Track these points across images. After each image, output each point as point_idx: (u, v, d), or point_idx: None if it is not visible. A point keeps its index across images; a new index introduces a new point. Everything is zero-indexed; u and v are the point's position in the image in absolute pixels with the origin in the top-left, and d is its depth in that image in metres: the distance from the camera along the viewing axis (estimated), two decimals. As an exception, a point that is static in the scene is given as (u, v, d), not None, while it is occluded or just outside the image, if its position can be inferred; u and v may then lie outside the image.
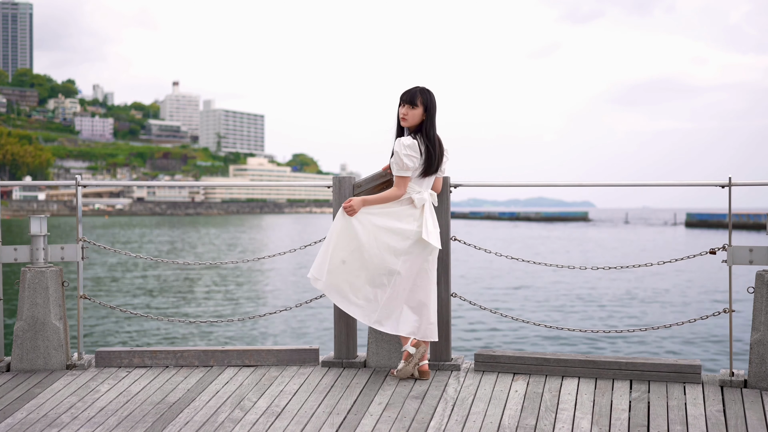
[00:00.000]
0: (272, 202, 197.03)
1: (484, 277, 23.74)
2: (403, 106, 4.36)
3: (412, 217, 4.32)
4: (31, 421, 3.82)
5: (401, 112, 4.36)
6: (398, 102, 4.40)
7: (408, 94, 4.35)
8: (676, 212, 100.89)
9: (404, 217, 4.32)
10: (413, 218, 4.32)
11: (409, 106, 4.34)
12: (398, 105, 4.40)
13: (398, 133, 4.42)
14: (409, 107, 4.33)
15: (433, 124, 4.37)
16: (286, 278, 24.41)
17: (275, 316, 15.22)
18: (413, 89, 4.37)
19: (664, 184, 4.88)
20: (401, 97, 4.38)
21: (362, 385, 4.27)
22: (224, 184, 15.51)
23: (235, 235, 59.46)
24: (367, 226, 4.32)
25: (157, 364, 4.77)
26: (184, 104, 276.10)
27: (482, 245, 5.01)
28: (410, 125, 4.35)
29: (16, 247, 4.84)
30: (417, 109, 4.33)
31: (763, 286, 4.05)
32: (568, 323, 14.74)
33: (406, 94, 4.36)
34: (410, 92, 4.36)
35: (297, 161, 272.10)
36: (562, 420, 3.66)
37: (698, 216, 76.23)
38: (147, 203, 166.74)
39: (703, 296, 19.01)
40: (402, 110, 4.35)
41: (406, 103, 4.35)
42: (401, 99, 4.38)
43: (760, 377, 4.00)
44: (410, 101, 4.33)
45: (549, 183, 4.99)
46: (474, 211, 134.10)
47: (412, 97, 4.33)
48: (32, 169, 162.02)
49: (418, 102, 4.33)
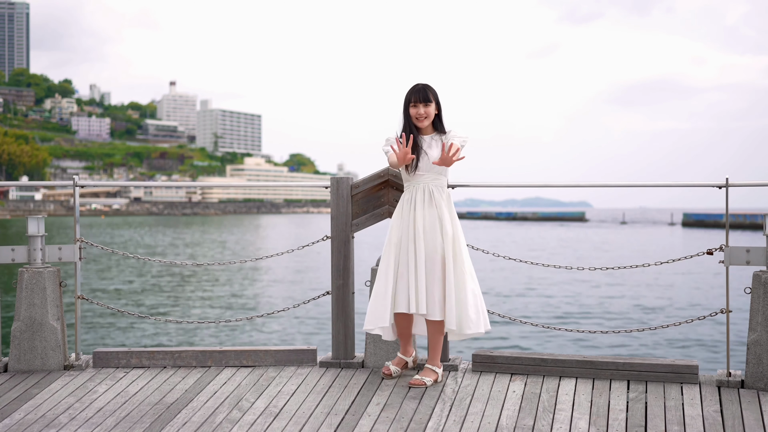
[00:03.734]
0: (269, 202, 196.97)
1: (482, 277, 23.73)
2: (418, 106, 4.25)
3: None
4: (29, 422, 3.82)
5: (419, 113, 4.25)
6: (408, 103, 4.27)
7: (421, 92, 4.25)
8: (673, 212, 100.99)
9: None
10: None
11: (424, 104, 4.26)
12: (409, 106, 4.27)
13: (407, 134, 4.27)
14: (424, 105, 4.26)
15: (442, 118, 4.37)
16: (285, 278, 24.40)
17: (273, 317, 15.22)
18: (422, 86, 4.27)
19: (661, 184, 4.88)
20: (414, 98, 4.25)
21: (360, 385, 4.27)
22: (221, 185, 15.46)
23: (234, 235, 59.42)
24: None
25: (154, 364, 4.77)
26: (181, 104, 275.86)
27: (480, 246, 5.02)
28: (428, 123, 4.30)
29: (14, 248, 4.83)
30: (431, 105, 4.27)
31: (760, 287, 4.06)
32: (565, 324, 14.75)
33: (419, 93, 4.25)
34: (422, 90, 4.26)
35: (294, 161, 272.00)
36: (560, 420, 3.67)
37: (695, 216, 76.35)
38: (144, 203, 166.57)
39: (700, 297, 19.04)
40: (419, 110, 4.24)
41: (420, 102, 4.25)
42: (415, 99, 4.25)
43: (757, 377, 4.01)
44: (425, 99, 4.25)
45: (546, 183, 5.00)
46: (471, 212, 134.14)
47: (426, 95, 4.26)
48: (29, 169, 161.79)
49: (431, 98, 4.28)
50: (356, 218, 4.74)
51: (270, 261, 29.21)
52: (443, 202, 4.27)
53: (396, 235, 4.28)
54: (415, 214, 4.23)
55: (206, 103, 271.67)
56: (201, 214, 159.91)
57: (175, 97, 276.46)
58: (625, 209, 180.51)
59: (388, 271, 4.24)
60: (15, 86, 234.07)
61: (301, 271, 26.80)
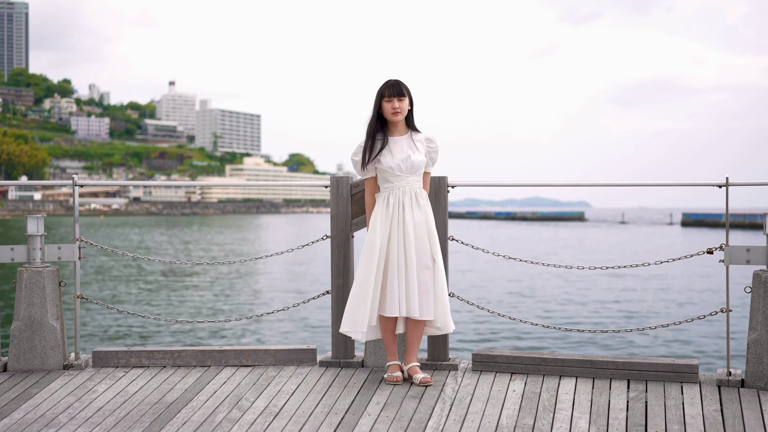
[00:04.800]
0: (269, 202, 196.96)
1: (481, 276, 23.75)
2: (392, 100, 4.26)
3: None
4: (28, 422, 3.81)
5: (394, 107, 4.25)
6: (382, 97, 4.27)
7: (395, 87, 4.27)
8: (673, 212, 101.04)
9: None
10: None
11: (398, 98, 4.27)
12: (383, 101, 4.27)
13: (374, 129, 4.30)
14: (398, 99, 4.27)
15: (413, 114, 4.40)
16: (284, 278, 24.39)
17: (273, 316, 15.21)
18: (395, 81, 4.29)
19: (661, 184, 4.88)
20: (388, 92, 4.26)
21: (360, 384, 4.26)
22: (221, 184, 15.51)
23: (234, 235, 59.42)
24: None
25: (154, 364, 4.76)
26: (181, 104, 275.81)
27: (479, 245, 5.02)
28: (402, 118, 4.31)
29: (13, 247, 4.83)
30: (405, 100, 4.28)
31: (760, 286, 4.05)
32: (565, 323, 14.76)
33: (393, 87, 4.27)
34: (396, 85, 4.28)
35: (293, 161, 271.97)
36: (560, 420, 3.67)
37: (694, 216, 76.38)
38: (143, 203, 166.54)
39: (700, 296, 19.04)
40: (395, 104, 4.25)
41: (395, 96, 4.26)
42: (389, 93, 4.26)
43: (757, 377, 4.01)
44: (400, 93, 4.26)
45: (545, 183, 4.99)
46: (470, 211, 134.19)
47: (400, 89, 4.27)
48: (28, 168, 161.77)
49: (404, 92, 4.29)
50: (356, 217, 4.74)
51: (270, 260, 29.20)
52: (426, 204, 4.33)
53: (379, 237, 4.25)
54: (404, 216, 4.24)
55: (205, 103, 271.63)
56: (200, 213, 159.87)
57: (175, 97, 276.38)
58: (625, 209, 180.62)
59: (369, 274, 4.21)
60: (14, 86, 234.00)
61: (301, 270, 26.80)
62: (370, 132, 4.32)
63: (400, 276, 4.19)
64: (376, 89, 4.36)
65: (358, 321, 4.22)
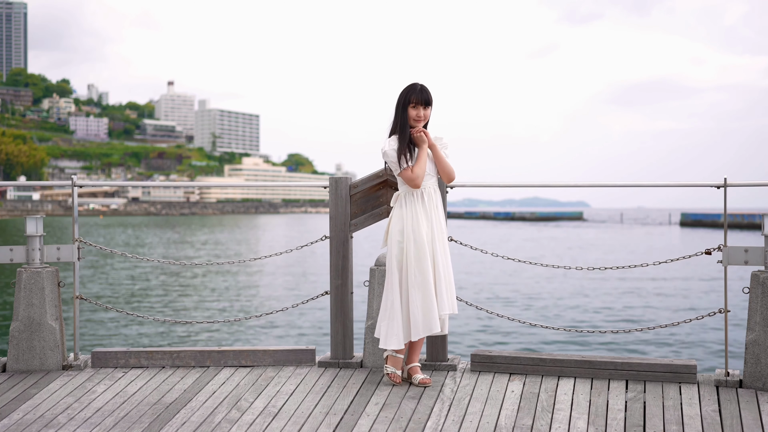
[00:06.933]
0: (267, 202, 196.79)
1: (480, 277, 23.75)
2: (418, 108, 4.20)
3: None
4: (28, 422, 3.81)
5: (419, 115, 4.20)
6: (408, 103, 4.20)
7: (424, 93, 4.20)
8: (671, 212, 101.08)
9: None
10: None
11: (424, 107, 4.23)
12: (409, 106, 4.20)
13: (398, 132, 4.24)
14: (424, 108, 4.23)
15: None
16: (283, 279, 24.38)
17: (272, 317, 15.21)
18: (423, 88, 4.22)
19: (660, 184, 4.88)
20: (415, 98, 4.18)
21: (359, 385, 4.27)
22: (219, 184, 15.43)
23: (233, 235, 59.39)
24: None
25: (153, 364, 4.77)
26: (179, 104, 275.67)
27: (478, 246, 5.03)
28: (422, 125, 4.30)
29: (12, 248, 4.83)
30: (429, 109, 4.27)
31: (758, 286, 4.06)
32: (563, 323, 14.76)
33: (421, 95, 4.19)
34: (425, 92, 4.21)
35: (292, 161, 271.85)
36: (559, 420, 3.67)
37: (693, 216, 76.43)
38: (142, 203, 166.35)
39: (698, 297, 19.06)
40: (420, 113, 4.20)
41: (421, 104, 4.19)
42: (416, 100, 4.18)
43: (755, 377, 4.02)
44: (427, 102, 4.23)
45: (544, 183, 5.00)
46: (469, 211, 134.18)
47: (428, 97, 4.23)
48: (26, 168, 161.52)
49: (431, 101, 4.27)
50: (355, 218, 4.74)
51: (268, 261, 29.19)
52: (441, 204, 4.38)
53: (413, 239, 4.17)
54: (438, 216, 4.27)
55: (204, 103, 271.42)
56: (199, 214, 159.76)
57: (173, 97, 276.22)
58: (624, 209, 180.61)
59: (426, 273, 4.13)
60: (12, 86, 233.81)
61: (300, 270, 26.79)
62: (404, 139, 4.20)
63: (447, 274, 4.24)
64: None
65: (405, 335, 4.20)
